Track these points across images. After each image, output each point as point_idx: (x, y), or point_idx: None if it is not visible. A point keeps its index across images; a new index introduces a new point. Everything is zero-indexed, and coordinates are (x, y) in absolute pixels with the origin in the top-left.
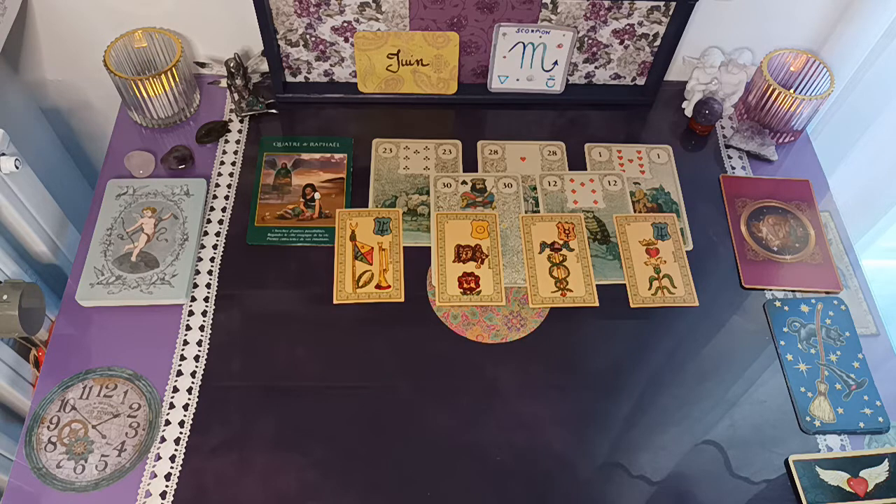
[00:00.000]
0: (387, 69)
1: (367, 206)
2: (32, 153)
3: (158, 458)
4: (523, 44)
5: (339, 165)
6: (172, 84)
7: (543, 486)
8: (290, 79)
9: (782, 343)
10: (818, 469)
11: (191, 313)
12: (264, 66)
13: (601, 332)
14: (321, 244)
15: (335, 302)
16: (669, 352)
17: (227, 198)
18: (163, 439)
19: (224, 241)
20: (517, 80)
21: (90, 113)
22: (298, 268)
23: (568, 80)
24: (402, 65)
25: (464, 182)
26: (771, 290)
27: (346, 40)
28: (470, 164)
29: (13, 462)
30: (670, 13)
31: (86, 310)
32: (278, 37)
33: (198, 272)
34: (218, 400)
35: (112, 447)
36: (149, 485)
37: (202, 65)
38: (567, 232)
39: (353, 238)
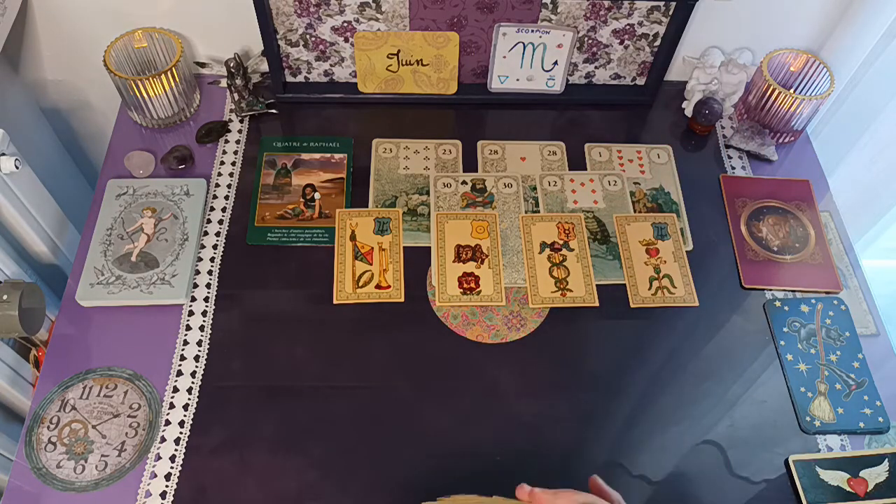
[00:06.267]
0: (387, 69)
1: (367, 206)
2: (32, 153)
3: (158, 458)
4: (523, 44)
5: (339, 165)
6: (172, 84)
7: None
8: (290, 79)
9: (782, 343)
10: (818, 469)
11: (191, 313)
12: (264, 66)
13: (601, 332)
14: (321, 244)
15: (335, 302)
16: (669, 352)
17: (227, 198)
18: (163, 439)
19: (224, 241)
20: (517, 80)
21: (90, 113)
22: (298, 268)
23: (568, 80)
24: (402, 65)
25: (464, 182)
26: (771, 290)
27: (346, 40)
28: (470, 164)
29: (13, 462)
30: (670, 13)
31: (86, 310)
32: (278, 37)
33: (198, 272)
34: (218, 400)
35: (112, 447)
36: (149, 485)
37: (202, 65)
38: (567, 232)
39: (353, 238)
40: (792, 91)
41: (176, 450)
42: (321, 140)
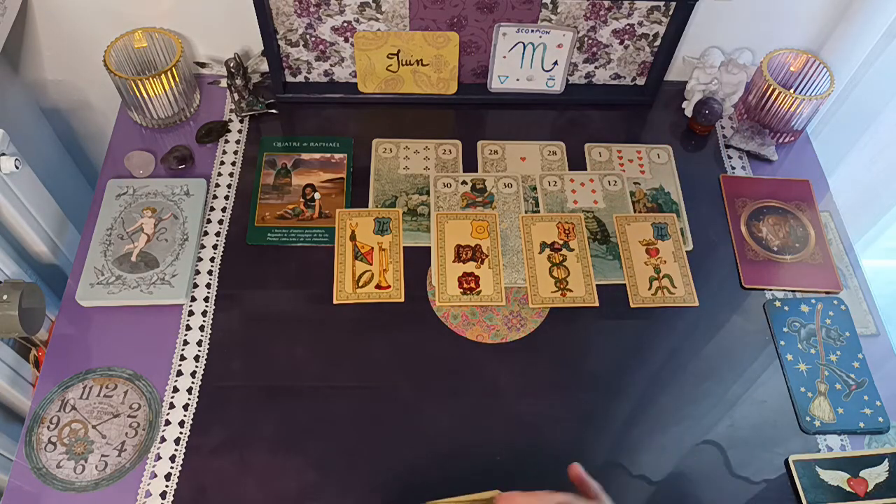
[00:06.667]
0: (387, 69)
1: (367, 206)
2: (32, 153)
3: (158, 458)
4: (523, 44)
5: (339, 165)
6: (172, 84)
7: (543, 487)
8: (290, 79)
9: (782, 343)
10: (818, 469)
11: (191, 313)
12: (264, 66)
13: (601, 332)
14: (321, 244)
15: (335, 302)
16: (669, 352)
17: (227, 198)
18: (163, 439)
19: (224, 241)
20: (517, 80)
21: (90, 113)
22: (298, 268)
23: (568, 80)
24: (402, 65)
25: (464, 182)
26: (771, 290)
27: (346, 40)
28: (470, 164)
29: (13, 462)
30: (670, 13)
31: (86, 310)
32: (278, 37)
33: (198, 272)
34: (218, 400)
35: (112, 447)
36: (149, 485)
37: (202, 65)
38: (567, 232)
39: (353, 238)
40: (792, 91)
41: (176, 450)
42: (321, 140)
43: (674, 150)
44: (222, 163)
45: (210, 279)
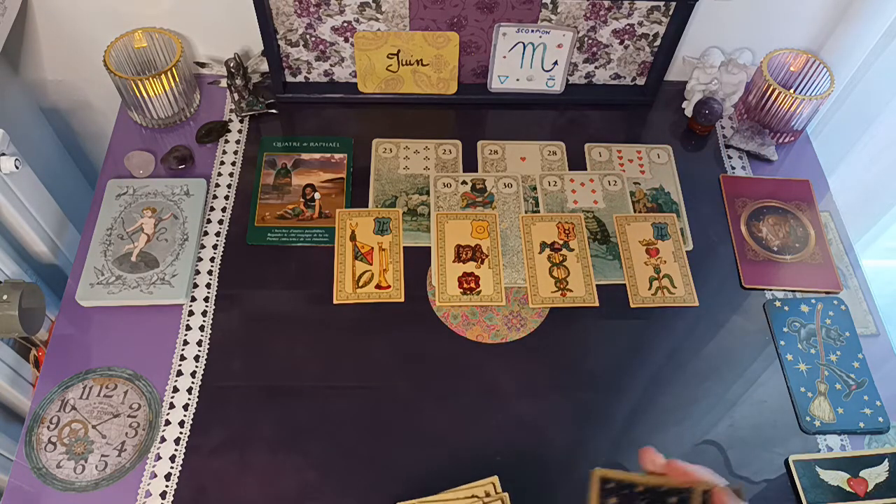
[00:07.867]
0: (387, 69)
1: (367, 206)
2: (32, 153)
3: (158, 458)
4: (523, 44)
5: (339, 165)
6: (172, 84)
7: (543, 487)
8: (290, 79)
9: (782, 343)
10: (818, 469)
11: (191, 313)
12: (264, 66)
13: (601, 332)
14: (321, 244)
15: (335, 302)
16: (669, 352)
17: (227, 198)
18: (163, 439)
19: (224, 241)
20: (517, 80)
21: (90, 113)
22: (298, 268)
23: (568, 80)
24: (402, 65)
25: (464, 182)
26: (771, 290)
27: (346, 40)
28: (470, 164)
29: (13, 462)
30: (670, 13)
31: (86, 310)
32: (278, 37)
33: (198, 272)
34: (218, 400)
35: (112, 447)
36: (149, 485)
37: (202, 65)
38: (567, 232)
39: (353, 238)
40: (792, 91)
41: (176, 450)
42: (321, 140)
43: (674, 150)
44: (222, 163)
45: (210, 279)
